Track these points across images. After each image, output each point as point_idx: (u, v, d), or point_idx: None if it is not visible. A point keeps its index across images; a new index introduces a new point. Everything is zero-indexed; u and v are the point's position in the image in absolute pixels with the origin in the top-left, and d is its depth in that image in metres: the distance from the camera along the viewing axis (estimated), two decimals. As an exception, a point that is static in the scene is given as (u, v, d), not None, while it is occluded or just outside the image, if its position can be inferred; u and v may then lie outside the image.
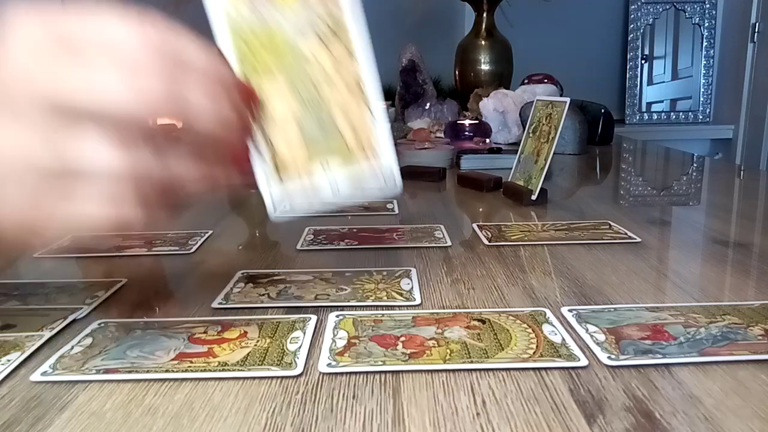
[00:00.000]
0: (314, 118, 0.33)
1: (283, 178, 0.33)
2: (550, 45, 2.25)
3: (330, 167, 0.33)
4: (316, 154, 0.33)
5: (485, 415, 0.27)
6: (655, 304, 0.39)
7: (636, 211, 0.70)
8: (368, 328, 0.36)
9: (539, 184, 0.71)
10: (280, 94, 0.32)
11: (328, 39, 0.33)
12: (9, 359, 0.33)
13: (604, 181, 1.02)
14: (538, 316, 0.37)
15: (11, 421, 0.27)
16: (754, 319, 0.36)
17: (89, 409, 0.28)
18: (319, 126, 0.33)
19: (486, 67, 1.86)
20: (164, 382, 0.30)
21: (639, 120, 2.39)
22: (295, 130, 0.33)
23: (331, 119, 0.33)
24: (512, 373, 0.30)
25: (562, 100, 0.70)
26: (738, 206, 0.77)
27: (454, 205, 0.77)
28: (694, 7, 2.35)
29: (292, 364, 0.31)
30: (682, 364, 0.31)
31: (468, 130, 1.33)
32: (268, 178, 0.33)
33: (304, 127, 0.33)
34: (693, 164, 1.17)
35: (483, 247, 0.54)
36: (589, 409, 0.27)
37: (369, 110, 0.34)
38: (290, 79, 0.33)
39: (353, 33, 0.33)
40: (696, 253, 0.53)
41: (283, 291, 0.42)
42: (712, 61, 2.37)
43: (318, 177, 0.34)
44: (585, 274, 0.46)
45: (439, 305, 0.40)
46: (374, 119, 0.34)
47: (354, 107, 0.33)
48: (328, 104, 0.33)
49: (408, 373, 0.31)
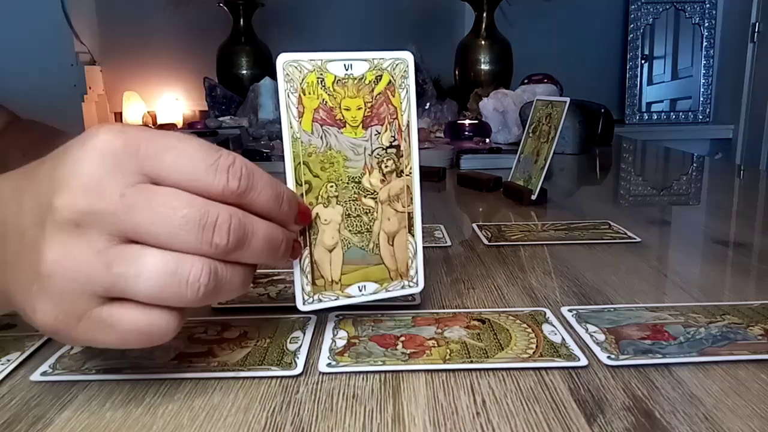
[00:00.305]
0: (361, 247, 0.35)
1: (318, 291, 0.35)
2: (550, 45, 2.25)
3: (366, 290, 0.36)
4: (355, 279, 0.35)
5: (485, 414, 0.27)
6: (655, 303, 0.39)
7: (636, 211, 0.70)
8: (368, 328, 0.36)
9: (539, 184, 0.71)
10: (334, 223, 0.34)
11: (391, 176, 0.35)
12: (9, 359, 0.33)
13: (603, 181, 1.02)
14: (538, 316, 0.37)
15: (11, 421, 0.27)
16: (754, 319, 0.36)
17: (89, 408, 0.28)
18: (364, 255, 0.35)
19: (486, 67, 1.86)
20: (164, 382, 0.30)
21: (639, 120, 2.39)
22: (340, 255, 0.35)
23: (376, 249, 0.36)
24: (512, 373, 0.30)
25: (562, 100, 0.70)
26: (738, 206, 0.77)
27: (454, 204, 0.77)
28: (694, 7, 2.35)
29: (292, 363, 0.31)
30: (681, 363, 0.31)
31: (468, 130, 1.33)
32: (303, 280, 0.34)
33: (349, 253, 0.35)
34: (693, 164, 1.17)
35: (483, 247, 0.54)
36: (589, 408, 0.27)
37: (414, 242, 0.37)
38: (347, 211, 0.34)
39: (415, 171, 0.36)
40: (696, 253, 0.53)
41: (283, 291, 0.42)
42: (712, 61, 2.37)
43: (351, 295, 0.36)
44: (585, 273, 0.46)
45: (439, 305, 0.40)
46: (417, 251, 0.37)
47: (400, 239, 0.36)
48: (377, 236, 0.35)
49: (408, 372, 0.31)
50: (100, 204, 0.25)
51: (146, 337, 0.26)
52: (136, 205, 0.25)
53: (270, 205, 0.28)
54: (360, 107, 0.34)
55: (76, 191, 0.25)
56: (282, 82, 0.32)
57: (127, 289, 0.25)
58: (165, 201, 0.25)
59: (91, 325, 0.26)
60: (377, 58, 0.34)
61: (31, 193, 0.26)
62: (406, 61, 0.35)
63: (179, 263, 0.25)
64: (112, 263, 0.25)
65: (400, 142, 0.35)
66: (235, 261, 0.28)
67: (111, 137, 0.26)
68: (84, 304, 0.25)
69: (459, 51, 1.92)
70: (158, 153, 0.26)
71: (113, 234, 0.25)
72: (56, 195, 0.25)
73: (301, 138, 0.33)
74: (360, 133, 0.34)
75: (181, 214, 0.25)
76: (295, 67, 0.32)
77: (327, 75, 0.33)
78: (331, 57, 0.33)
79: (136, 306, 0.26)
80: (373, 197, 0.35)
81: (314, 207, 0.34)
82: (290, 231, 0.31)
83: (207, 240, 0.26)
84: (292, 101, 0.33)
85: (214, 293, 0.27)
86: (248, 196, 0.27)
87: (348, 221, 0.34)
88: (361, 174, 0.34)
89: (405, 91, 0.35)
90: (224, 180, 0.26)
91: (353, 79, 0.34)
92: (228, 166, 0.27)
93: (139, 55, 2.21)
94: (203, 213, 0.26)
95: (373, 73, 0.34)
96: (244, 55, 1.98)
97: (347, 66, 0.33)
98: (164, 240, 0.25)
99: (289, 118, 0.33)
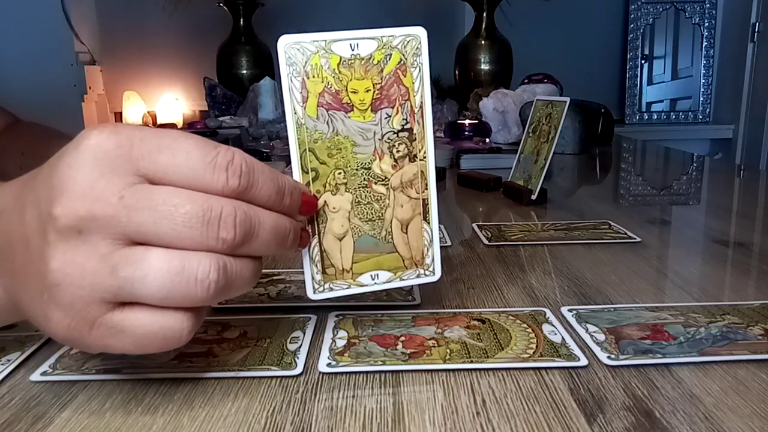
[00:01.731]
0: (372, 235, 0.34)
1: (329, 279, 0.34)
2: (550, 45, 2.25)
3: (379, 279, 0.34)
4: (367, 267, 0.34)
5: (485, 414, 0.27)
6: (654, 303, 0.39)
7: (636, 211, 0.70)
8: (368, 327, 0.36)
9: (539, 184, 0.71)
10: (344, 211, 0.33)
11: (404, 161, 0.34)
12: (9, 359, 0.33)
13: (603, 180, 1.02)
14: (538, 316, 0.37)
15: (11, 421, 0.27)
16: (754, 318, 0.36)
17: (89, 408, 0.28)
18: (376, 243, 0.34)
19: (486, 67, 1.86)
20: (164, 382, 0.30)
21: (639, 120, 2.39)
22: (350, 244, 0.34)
23: (389, 237, 0.34)
24: (512, 373, 0.30)
25: (562, 99, 0.70)
26: (738, 206, 0.77)
27: (454, 204, 0.77)
28: (694, 7, 2.35)
29: (292, 363, 0.31)
30: (681, 363, 0.31)
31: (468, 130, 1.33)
32: (312, 269, 0.33)
33: (360, 242, 0.34)
34: (693, 164, 1.17)
35: (483, 247, 0.54)
36: (589, 408, 0.27)
37: (429, 229, 0.35)
38: (357, 198, 0.33)
39: (430, 155, 0.34)
40: (696, 252, 0.53)
41: (283, 291, 0.42)
42: (712, 61, 2.37)
43: (364, 283, 0.34)
44: (585, 273, 0.46)
45: (439, 305, 0.40)
46: (432, 238, 0.35)
47: (415, 226, 0.35)
48: (389, 223, 0.34)
49: (408, 372, 0.31)
50: (98, 208, 0.24)
51: (160, 341, 0.26)
52: (136, 206, 0.25)
53: (272, 199, 0.28)
54: (368, 89, 0.32)
55: (74, 198, 0.24)
56: (284, 65, 0.31)
57: (134, 292, 0.25)
58: (165, 199, 0.25)
59: (104, 331, 0.25)
60: (386, 36, 0.32)
61: (32, 203, 0.26)
62: (418, 37, 0.33)
63: (185, 261, 0.25)
64: (116, 267, 0.24)
65: (412, 124, 0.33)
66: (244, 255, 0.27)
67: (103, 139, 0.25)
68: (94, 311, 0.25)
69: (459, 51, 1.92)
70: (152, 153, 0.25)
71: (116, 237, 0.25)
72: (55, 203, 0.24)
73: (306, 124, 0.32)
74: (369, 116, 0.32)
75: (183, 211, 0.25)
76: (297, 50, 0.31)
77: (332, 56, 0.31)
78: (335, 37, 0.31)
79: (147, 309, 0.25)
80: (385, 184, 0.33)
81: (322, 195, 0.32)
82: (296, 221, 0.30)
83: (213, 235, 0.25)
84: (295, 86, 0.31)
85: (225, 289, 0.26)
86: (249, 193, 0.27)
87: (358, 209, 0.33)
88: (371, 160, 0.33)
89: (418, 69, 0.33)
90: (223, 178, 0.26)
91: (360, 60, 0.32)
92: (227, 164, 0.26)
93: (139, 55, 2.21)
94: (206, 208, 0.25)
95: (382, 52, 0.32)
96: (244, 55, 1.98)
97: (353, 45, 0.32)
98: (168, 239, 0.25)
99: (292, 103, 0.31)
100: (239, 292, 0.28)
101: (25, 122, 0.81)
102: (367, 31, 0.32)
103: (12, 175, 0.29)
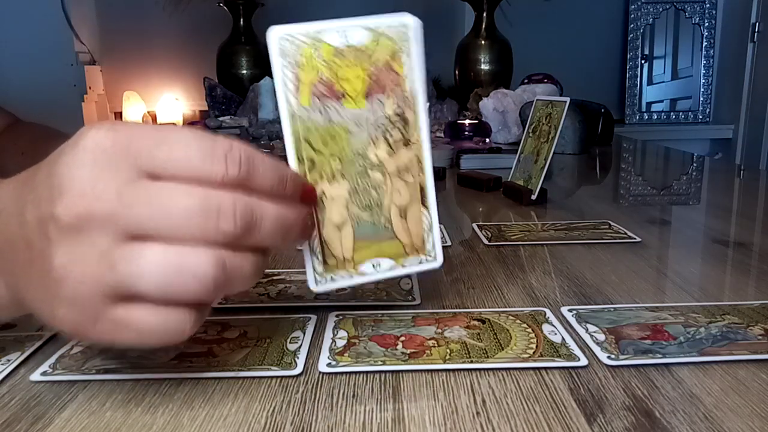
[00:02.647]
0: (372, 222, 0.34)
1: (330, 270, 0.34)
2: (550, 45, 2.25)
3: (381, 267, 0.34)
4: (368, 256, 0.34)
5: (485, 414, 0.27)
6: (654, 303, 0.39)
7: (636, 211, 0.70)
8: (368, 327, 0.36)
9: (539, 184, 0.71)
10: (341, 200, 0.33)
11: (399, 146, 0.33)
12: (9, 359, 0.33)
13: (603, 180, 1.02)
14: (538, 316, 0.37)
15: (11, 421, 0.27)
16: (754, 318, 0.36)
17: (89, 408, 0.28)
18: (375, 230, 0.34)
19: (486, 67, 1.86)
20: (164, 382, 0.30)
21: (639, 120, 2.39)
22: (350, 233, 0.33)
23: (388, 223, 0.34)
24: (512, 373, 0.30)
25: (562, 99, 0.70)
26: (738, 206, 0.77)
27: (454, 204, 0.77)
28: (694, 7, 2.35)
29: (292, 363, 0.31)
30: (681, 363, 0.31)
31: (468, 130, 1.33)
32: (313, 260, 0.33)
33: (360, 230, 0.34)
34: (693, 164, 1.17)
35: (483, 247, 0.54)
36: (589, 408, 0.27)
37: (428, 215, 0.35)
38: (354, 186, 0.33)
39: (424, 141, 0.34)
40: (696, 252, 0.53)
41: (283, 291, 0.42)
42: (712, 61, 2.37)
43: (365, 272, 0.34)
44: (585, 273, 0.46)
45: (439, 305, 0.40)
46: (432, 224, 0.35)
47: (414, 212, 0.34)
48: (387, 210, 0.34)
49: (408, 372, 0.31)
50: (97, 206, 0.24)
51: (162, 335, 0.26)
52: (135, 202, 0.25)
53: (275, 189, 0.28)
54: (360, 77, 0.32)
55: (73, 196, 0.24)
56: (276, 57, 0.31)
57: (133, 288, 0.25)
58: (163, 194, 0.25)
59: (108, 326, 0.25)
60: (376, 24, 0.32)
61: (32, 202, 0.26)
62: (408, 24, 0.33)
63: (183, 257, 0.25)
64: (116, 263, 0.24)
65: (405, 110, 0.33)
66: (247, 248, 0.27)
67: (101, 136, 0.25)
68: (97, 306, 0.25)
69: (459, 51, 1.92)
70: (151, 148, 0.25)
71: (116, 234, 0.25)
72: (55, 202, 0.24)
73: (300, 114, 0.32)
74: (361, 104, 0.32)
75: (181, 205, 0.25)
76: (288, 41, 0.31)
77: (323, 45, 0.32)
78: (326, 26, 0.31)
79: (148, 305, 0.25)
80: (381, 170, 0.33)
81: (319, 184, 0.32)
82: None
83: (212, 228, 0.25)
84: (288, 76, 0.31)
85: (226, 284, 0.26)
86: (250, 181, 0.26)
87: (356, 197, 0.33)
88: (366, 147, 0.33)
89: (407, 55, 0.33)
90: (223, 168, 0.26)
91: (352, 48, 0.32)
92: (225, 153, 0.26)
93: (139, 55, 2.21)
94: (204, 201, 0.25)
95: (373, 40, 0.32)
96: (244, 55, 1.98)
97: (344, 35, 0.32)
98: (167, 234, 0.25)
99: (285, 94, 0.31)
100: (242, 287, 0.27)
101: (26, 122, 0.81)
102: (356, 20, 0.32)
103: (12, 175, 0.29)
